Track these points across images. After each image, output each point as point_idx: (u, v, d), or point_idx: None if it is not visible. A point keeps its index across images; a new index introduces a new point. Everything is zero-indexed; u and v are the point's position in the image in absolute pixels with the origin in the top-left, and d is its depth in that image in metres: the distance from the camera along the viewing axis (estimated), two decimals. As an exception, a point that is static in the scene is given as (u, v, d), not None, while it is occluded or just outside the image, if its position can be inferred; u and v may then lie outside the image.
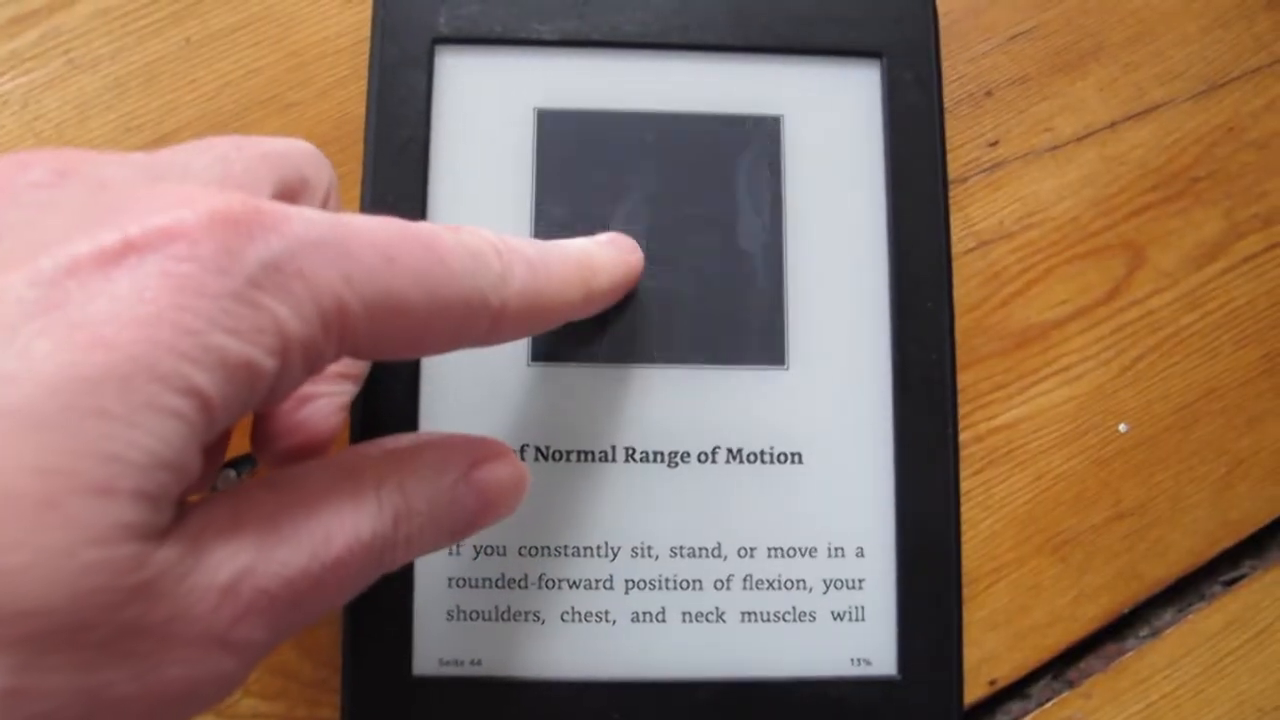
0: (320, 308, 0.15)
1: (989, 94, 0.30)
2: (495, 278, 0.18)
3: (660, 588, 0.25)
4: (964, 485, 0.27)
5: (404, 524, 0.17)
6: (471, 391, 0.25)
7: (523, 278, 0.18)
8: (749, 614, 0.25)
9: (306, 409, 0.20)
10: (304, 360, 0.15)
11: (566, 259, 0.20)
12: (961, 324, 0.28)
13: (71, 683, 0.13)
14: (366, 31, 0.27)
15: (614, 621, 0.25)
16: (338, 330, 0.15)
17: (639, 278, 0.24)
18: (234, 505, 0.15)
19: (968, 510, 0.27)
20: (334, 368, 0.21)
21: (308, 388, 0.20)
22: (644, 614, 0.25)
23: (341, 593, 0.17)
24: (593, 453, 0.25)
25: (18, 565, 0.12)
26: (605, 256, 0.22)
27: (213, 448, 0.20)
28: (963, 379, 0.27)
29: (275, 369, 0.15)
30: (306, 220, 0.15)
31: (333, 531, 0.16)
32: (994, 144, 0.29)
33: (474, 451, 0.19)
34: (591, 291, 0.21)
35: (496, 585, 0.25)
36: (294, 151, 0.19)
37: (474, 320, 0.17)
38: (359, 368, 0.22)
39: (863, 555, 0.25)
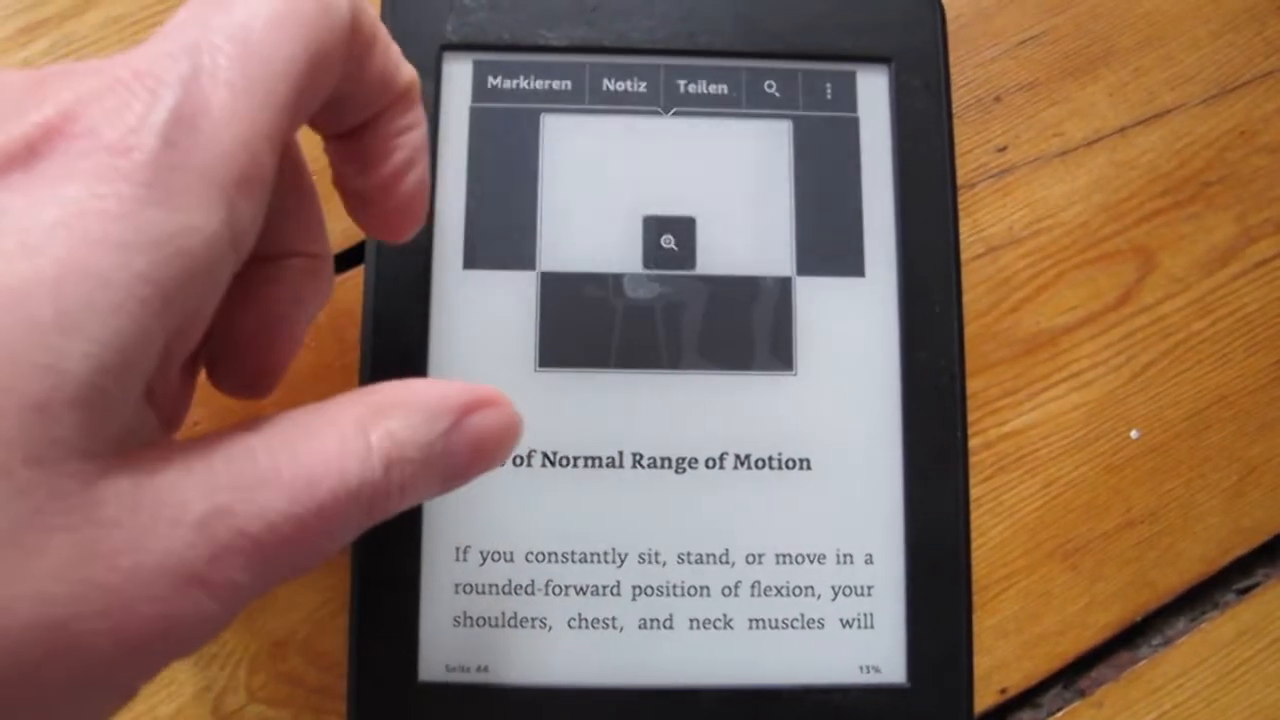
0: (236, 135, 0.14)
1: (998, 99, 0.29)
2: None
3: (668, 594, 0.25)
4: (974, 492, 0.27)
5: (395, 471, 0.16)
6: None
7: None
8: (757, 621, 0.25)
9: (272, 340, 0.19)
10: (245, 194, 0.15)
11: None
12: (971, 330, 0.27)
13: (26, 613, 0.12)
14: (374, 38, 0.27)
15: (621, 628, 0.25)
16: (266, 141, 0.15)
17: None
18: (205, 444, 0.15)
19: (978, 517, 0.27)
20: (290, 291, 0.20)
21: (271, 322, 0.19)
22: (651, 621, 0.25)
23: (331, 540, 0.16)
24: (600, 459, 0.25)
25: None
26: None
27: (185, 375, 0.19)
28: (972, 385, 0.27)
29: (220, 222, 0.14)
30: (196, 63, 0.14)
31: (318, 475, 0.15)
32: (1003, 149, 0.29)
33: (466, 398, 0.18)
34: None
35: (503, 591, 0.25)
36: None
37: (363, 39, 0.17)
38: (319, 291, 0.21)
39: (872, 562, 0.25)
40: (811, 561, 0.25)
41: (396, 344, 0.25)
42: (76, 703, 0.13)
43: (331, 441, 0.16)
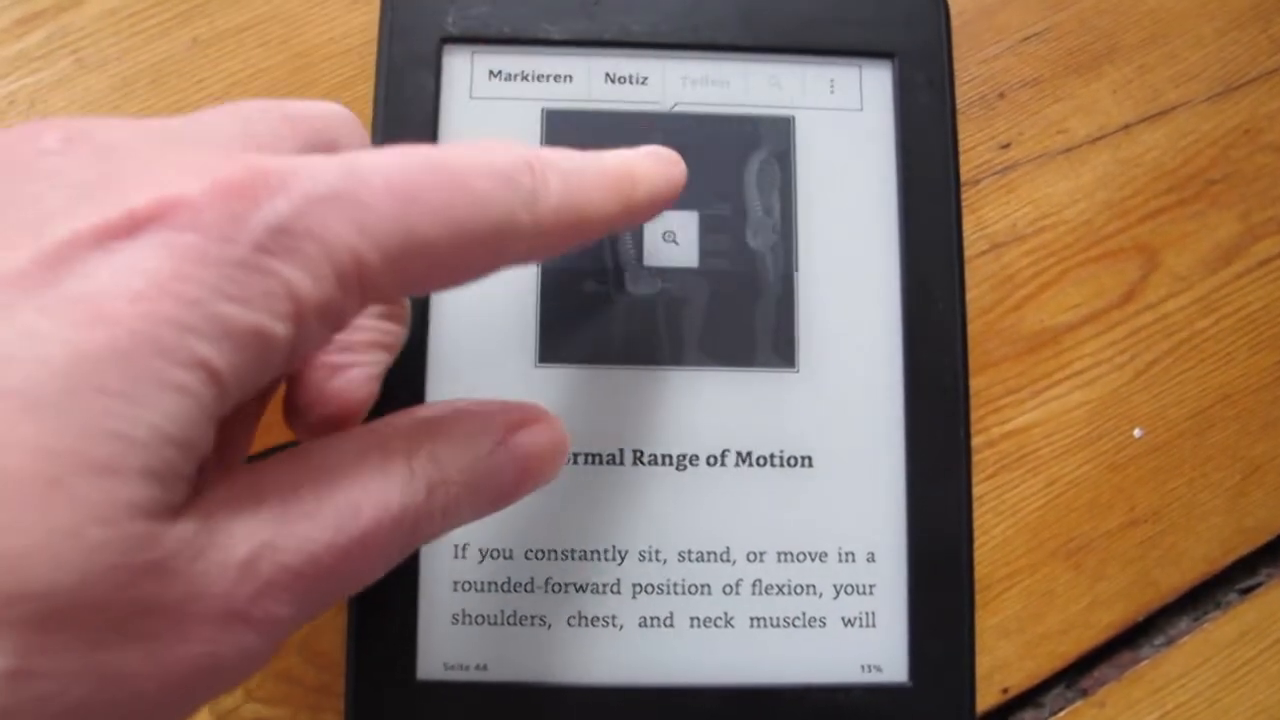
0: (335, 265, 0.14)
1: (1002, 95, 0.29)
2: (527, 195, 0.16)
3: (668, 592, 0.25)
4: (976, 490, 0.26)
5: (439, 494, 0.17)
6: (479, 393, 0.25)
7: (558, 193, 0.17)
8: (758, 619, 0.25)
9: (339, 378, 0.20)
10: (322, 321, 0.15)
11: (604, 170, 0.19)
12: (974, 327, 0.27)
13: (79, 663, 0.13)
14: (373, 33, 0.27)
15: (621, 626, 0.24)
16: (357, 284, 0.15)
17: (680, 191, 0.22)
18: (252, 479, 0.15)
19: (980, 515, 0.27)
20: (366, 336, 0.20)
21: (341, 357, 0.20)
22: (652, 619, 0.24)
23: (374, 566, 0.16)
24: (600, 455, 0.25)
25: (22, 547, 0.12)
26: (646, 167, 0.21)
27: (246, 417, 0.20)
28: (975, 383, 0.27)
29: (289, 334, 0.14)
30: (314, 174, 0.14)
31: (360, 503, 0.15)
32: (1006, 146, 0.29)
33: (511, 416, 0.18)
34: (632, 203, 0.20)
35: (502, 589, 0.24)
36: (323, 113, 0.19)
37: (508, 243, 0.17)
38: (393, 336, 0.21)
39: (874, 560, 0.25)
40: (813, 560, 0.25)
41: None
42: None
43: (373, 467, 0.16)
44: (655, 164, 0.21)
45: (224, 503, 0.14)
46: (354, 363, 0.20)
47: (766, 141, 0.26)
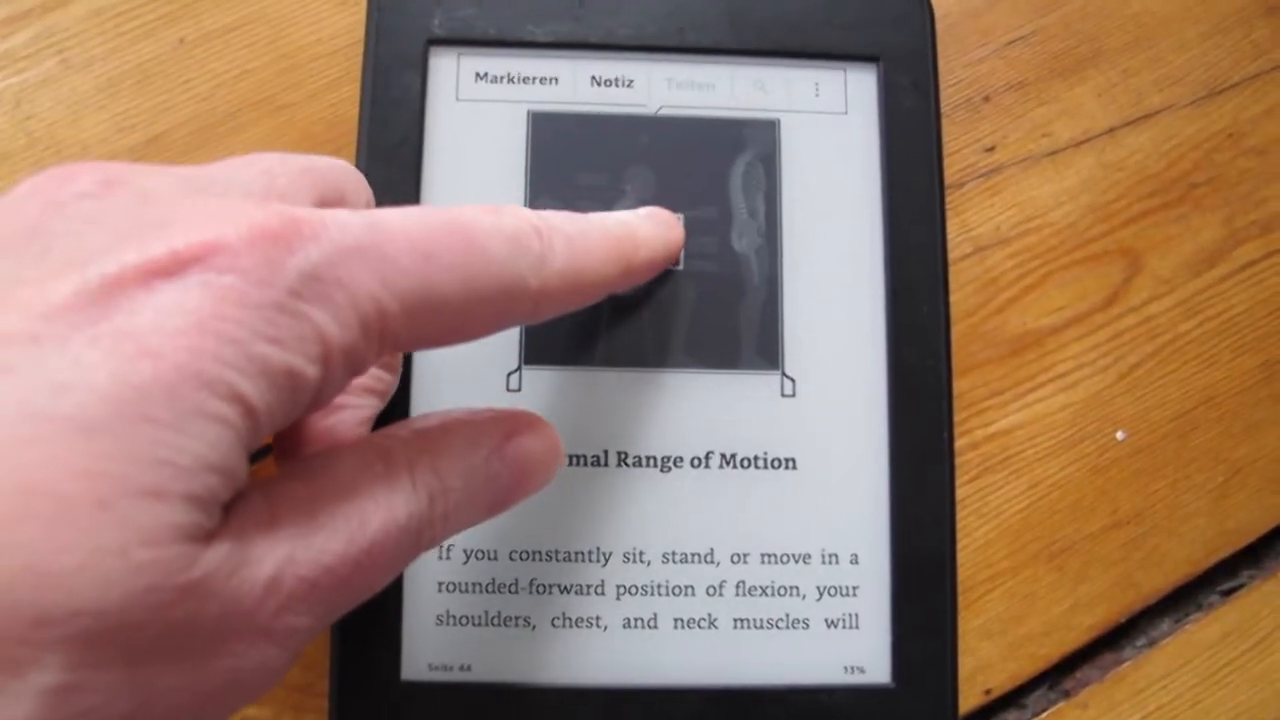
0: (360, 313, 0.15)
1: (986, 99, 0.29)
2: (535, 259, 0.18)
3: (652, 593, 0.25)
4: (959, 492, 0.27)
5: (440, 502, 0.17)
6: (463, 395, 0.25)
7: (563, 257, 0.18)
8: (741, 620, 0.25)
9: (332, 419, 0.21)
10: (345, 365, 0.15)
11: (607, 234, 0.20)
12: (958, 330, 0.27)
13: (122, 679, 0.13)
14: (359, 34, 0.27)
15: (605, 627, 0.24)
16: (378, 333, 0.16)
17: (678, 254, 0.23)
18: (269, 498, 0.16)
19: (963, 517, 0.27)
20: (360, 381, 0.21)
21: (336, 407, 0.21)
22: (636, 620, 0.24)
23: (382, 574, 0.17)
24: (585, 457, 0.25)
25: (72, 566, 0.13)
26: (646, 230, 0.22)
27: None
28: (959, 385, 0.27)
29: (318, 376, 0.15)
30: (343, 227, 0.15)
31: (368, 515, 0.16)
32: (991, 149, 0.29)
33: (506, 425, 0.19)
34: (631, 266, 0.21)
35: (487, 590, 0.24)
36: (335, 168, 0.20)
37: (515, 304, 0.18)
38: (385, 384, 0.22)
39: (857, 562, 0.25)
40: (796, 561, 0.25)
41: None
42: None
43: (379, 479, 0.17)
44: (655, 228, 0.23)
45: (247, 523, 0.15)
46: (347, 405, 0.21)
47: (751, 144, 0.27)
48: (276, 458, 0.20)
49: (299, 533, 0.15)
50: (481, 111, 0.26)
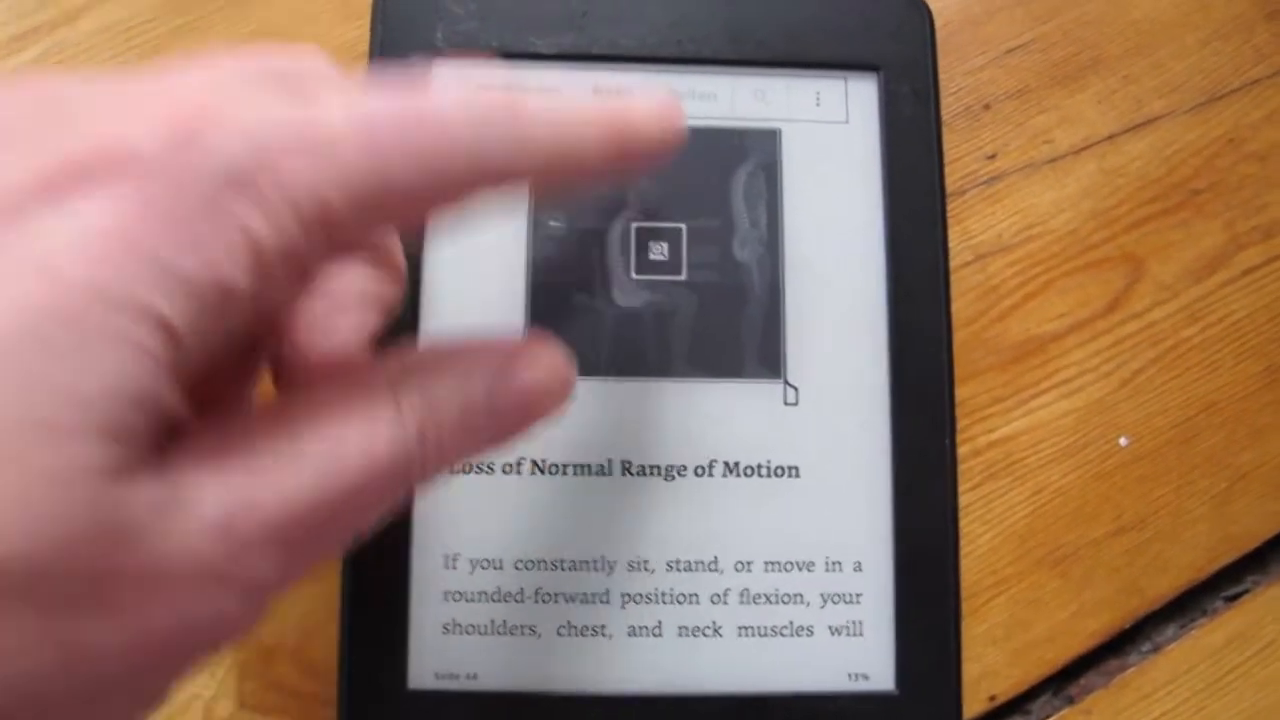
0: (298, 211, 0.13)
1: (987, 107, 0.30)
2: (503, 131, 0.15)
3: (656, 602, 0.25)
4: (962, 499, 0.27)
5: (430, 435, 0.15)
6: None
7: (542, 129, 0.16)
8: (746, 628, 0.25)
9: (321, 332, 0.18)
10: (286, 268, 0.14)
11: (589, 105, 0.17)
12: (959, 337, 0.27)
13: (35, 633, 0.12)
14: (363, 48, 0.27)
15: (610, 636, 0.25)
16: (321, 230, 0.14)
17: (682, 132, 0.19)
18: (223, 434, 0.14)
19: (966, 524, 0.27)
20: (355, 287, 0.19)
21: (330, 320, 0.18)
22: (640, 628, 0.25)
23: (365, 515, 0.15)
24: (589, 466, 0.25)
25: None
26: (641, 105, 0.18)
27: (236, 377, 0.18)
28: (961, 392, 0.27)
29: (251, 285, 0.13)
30: (273, 117, 0.14)
31: (342, 450, 0.14)
32: (992, 157, 0.29)
33: (507, 349, 0.17)
34: (624, 143, 0.17)
35: (492, 599, 0.25)
36: (295, 54, 0.17)
37: (487, 181, 0.16)
38: (386, 295, 0.20)
39: (860, 569, 0.25)
40: (800, 569, 0.25)
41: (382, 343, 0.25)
42: (88, 714, 0.13)
43: (356, 410, 0.15)
44: (651, 103, 0.19)
45: (191, 462, 0.14)
46: (341, 315, 0.19)
47: (753, 154, 0.27)
48: (275, 383, 0.19)
49: (257, 470, 0.14)
50: (485, 124, 0.26)
